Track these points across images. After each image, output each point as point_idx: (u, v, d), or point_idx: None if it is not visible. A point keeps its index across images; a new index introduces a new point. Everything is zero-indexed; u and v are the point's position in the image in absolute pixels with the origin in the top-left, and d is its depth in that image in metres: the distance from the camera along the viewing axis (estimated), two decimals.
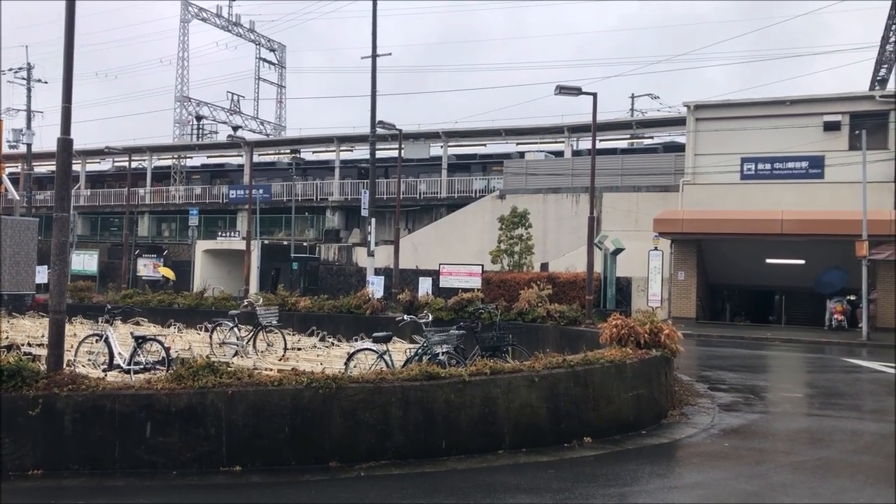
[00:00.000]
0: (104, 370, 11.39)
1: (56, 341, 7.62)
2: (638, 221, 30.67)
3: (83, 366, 12.05)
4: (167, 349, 11.21)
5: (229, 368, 7.91)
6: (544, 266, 31.34)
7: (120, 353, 11.55)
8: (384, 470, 7.27)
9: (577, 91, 17.82)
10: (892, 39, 32.68)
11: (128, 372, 10.87)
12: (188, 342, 17.73)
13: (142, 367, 10.91)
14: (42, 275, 30.57)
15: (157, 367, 10.65)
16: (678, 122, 35.67)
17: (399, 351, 14.50)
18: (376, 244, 31.19)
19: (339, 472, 7.21)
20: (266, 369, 12.83)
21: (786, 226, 25.43)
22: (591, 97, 18.26)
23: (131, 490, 6.64)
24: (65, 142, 7.67)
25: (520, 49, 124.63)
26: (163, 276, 35.62)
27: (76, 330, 18.90)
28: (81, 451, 7.19)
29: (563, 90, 17.68)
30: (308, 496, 6.48)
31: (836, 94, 28.09)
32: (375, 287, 25.14)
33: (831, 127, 27.16)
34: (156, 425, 7.23)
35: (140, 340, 11.38)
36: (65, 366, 11.74)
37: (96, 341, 12.33)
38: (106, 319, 12.63)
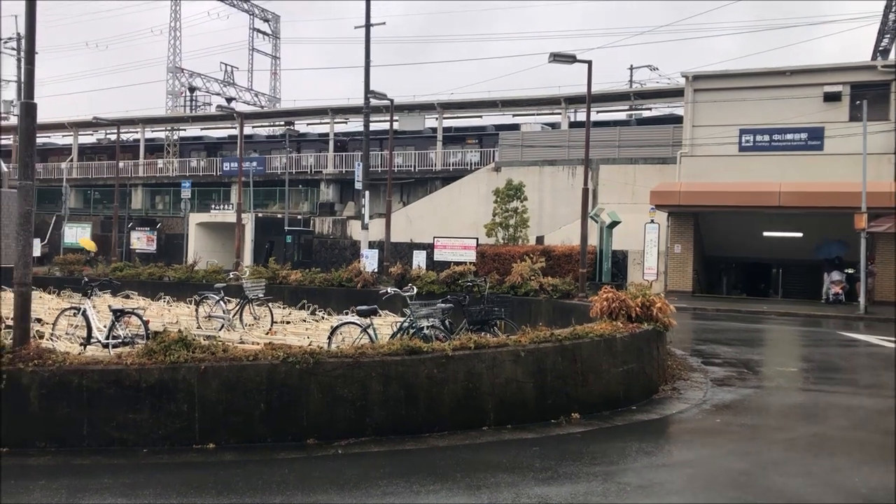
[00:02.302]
0: (82, 344, 11.13)
1: (22, 315, 7.33)
2: (635, 194, 30.30)
3: (61, 339, 11.79)
4: (146, 322, 10.93)
5: (203, 342, 7.63)
6: (540, 239, 31.04)
7: (98, 327, 11.27)
8: (363, 447, 7.03)
9: (571, 59, 17.39)
10: (895, 9, 32.10)
11: (106, 346, 10.60)
12: (176, 315, 17.50)
13: (120, 340, 10.64)
14: (35, 248, 30.23)
15: (137, 340, 10.38)
16: (677, 93, 35.14)
17: (388, 325, 14.28)
18: (370, 217, 30.85)
19: (316, 449, 6.97)
20: (252, 343, 12.61)
21: (783, 198, 25.07)
22: (591, 67, 17.85)
23: (97, 469, 6.38)
24: (28, 106, 7.31)
25: (524, 18, 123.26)
26: (84, 249, 35.15)
27: (64, 304, 18.64)
28: (48, 428, 6.94)
29: (557, 58, 17.25)
30: (281, 475, 6.22)
31: (837, 65, 27.61)
32: (369, 260, 24.88)
33: (832, 98, 26.70)
34: (125, 401, 6.97)
35: (118, 314, 11.08)
36: (45, 340, 11.51)
37: (74, 315, 12.05)
38: (84, 292, 12.33)
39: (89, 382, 6.97)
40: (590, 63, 17.84)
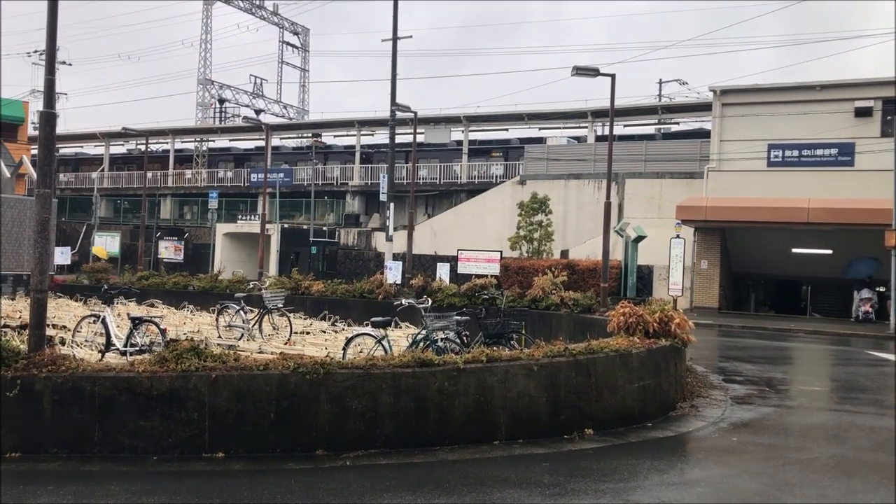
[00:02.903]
0: (101, 351, 11.25)
1: (37, 321, 7.40)
2: (661, 208, 30.05)
3: (81, 346, 11.93)
4: (163, 331, 11.02)
5: (215, 351, 7.66)
6: (564, 253, 30.87)
7: (116, 335, 11.38)
8: (372, 459, 6.99)
9: (594, 72, 17.31)
10: None
11: (124, 353, 10.71)
12: (198, 324, 17.63)
13: (138, 348, 10.73)
14: (65, 256, 30.79)
15: (154, 348, 10.45)
16: (705, 107, 34.85)
17: (406, 336, 14.22)
18: (395, 229, 30.90)
19: (324, 460, 6.95)
20: (270, 352, 12.64)
21: (812, 214, 24.69)
22: (620, 81, 17.76)
23: (106, 476, 6.41)
24: (48, 115, 7.42)
25: (554, 32, 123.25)
26: (95, 256, 35.61)
27: (86, 311, 18.85)
28: (60, 433, 7.00)
29: (580, 71, 17.18)
30: (287, 486, 6.21)
31: (869, 79, 27.21)
32: (392, 272, 24.85)
33: (863, 113, 26.31)
34: (137, 409, 7.01)
35: (136, 322, 11.19)
36: (66, 346, 11.65)
37: (93, 322, 12.19)
38: (105, 300, 12.49)
39: (101, 389, 7.03)
40: (613, 77, 17.74)
